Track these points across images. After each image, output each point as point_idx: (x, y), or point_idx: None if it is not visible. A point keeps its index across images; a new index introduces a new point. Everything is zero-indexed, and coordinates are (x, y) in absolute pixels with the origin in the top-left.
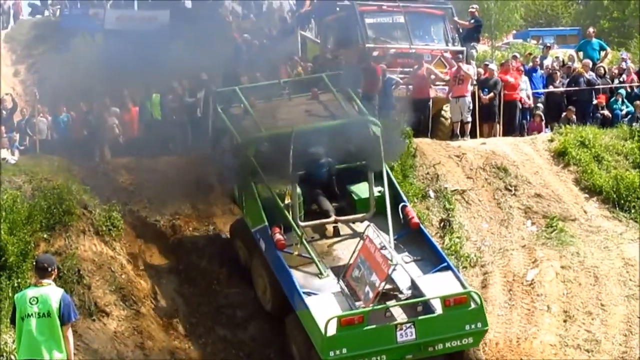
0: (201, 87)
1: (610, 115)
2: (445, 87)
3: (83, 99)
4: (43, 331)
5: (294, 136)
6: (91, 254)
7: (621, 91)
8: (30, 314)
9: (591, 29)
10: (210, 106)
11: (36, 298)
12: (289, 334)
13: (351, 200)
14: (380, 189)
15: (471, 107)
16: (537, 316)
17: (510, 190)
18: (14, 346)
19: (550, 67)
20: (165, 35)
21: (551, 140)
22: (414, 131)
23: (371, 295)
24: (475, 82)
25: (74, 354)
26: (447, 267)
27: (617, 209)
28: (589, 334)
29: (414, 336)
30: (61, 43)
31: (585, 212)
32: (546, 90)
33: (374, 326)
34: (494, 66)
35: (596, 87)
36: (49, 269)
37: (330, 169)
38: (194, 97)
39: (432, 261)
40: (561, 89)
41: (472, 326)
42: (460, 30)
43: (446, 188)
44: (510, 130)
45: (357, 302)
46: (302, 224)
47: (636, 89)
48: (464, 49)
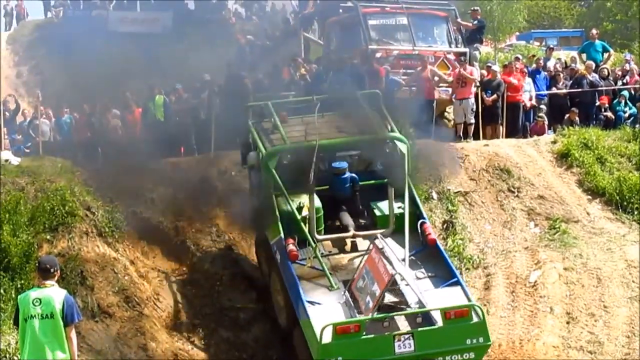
0: (204, 88)
1: (613, 117)
2: (448, 88)
3: (86, 101)
4: (46, 332)
5: (317, 149)
6: (94, 255)
7: (624, 93)
8: (33, 315)
9: (594, 31)
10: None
11: (39, 299)
12: (295, 346)
13: (373, 216)
14: (401, 204)
15: (474, 109)
16: (539, 318)
17: (513, 192)
18: (17, 347)
19: (553, 68)
20: (168, 36)
21: (554, 142)
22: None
23: (371, 305)
24: (478, 84)
25: (77, 355)
26: (457, 282)
27: (620, 210)
28: (591, 335)
29: (412, 348)
30: (64, 45)
31: (588, 213)
32: (549, 92)
33: (371, 336)
34: (497, 68)
35: (599, 88)
36: (51, 270)
37: (355, 184)
38: (197, 99)
39: (446, 278)
40: (564, 90)
41: (474, 340)
42: (463, 32)
43: (449, 190)
44: (513, 132)
45: (358, 313)
46: (319, 237)
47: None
48: (467, 50)
